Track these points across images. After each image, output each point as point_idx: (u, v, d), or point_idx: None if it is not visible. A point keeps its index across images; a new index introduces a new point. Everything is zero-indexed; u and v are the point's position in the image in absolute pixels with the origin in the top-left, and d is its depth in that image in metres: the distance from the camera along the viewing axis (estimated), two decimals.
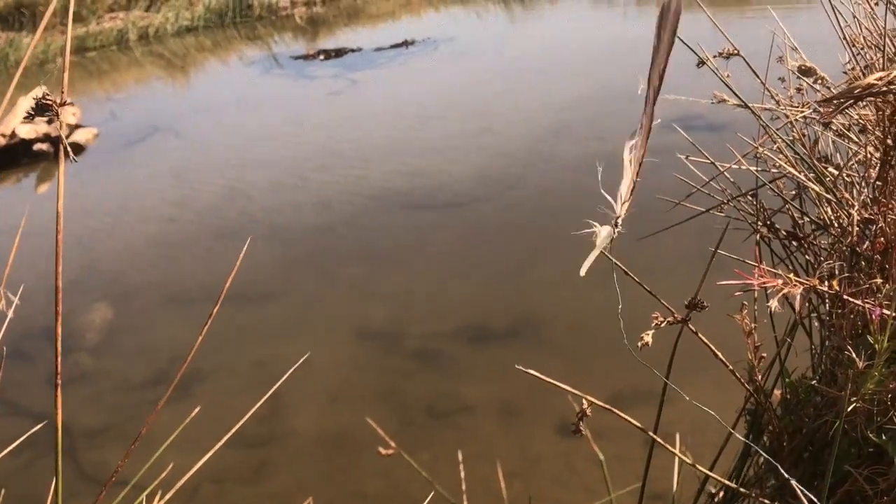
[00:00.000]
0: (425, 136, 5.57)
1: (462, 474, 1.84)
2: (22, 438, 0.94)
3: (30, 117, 0.50)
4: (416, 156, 5.19)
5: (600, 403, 0.78)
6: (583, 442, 2.45)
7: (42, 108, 0.54)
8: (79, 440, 2.90)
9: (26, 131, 6.30)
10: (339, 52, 8.50)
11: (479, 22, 10.57)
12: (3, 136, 6.35)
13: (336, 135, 5.91)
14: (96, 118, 7.15)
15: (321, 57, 8.44)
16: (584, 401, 0.74)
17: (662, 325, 0.68)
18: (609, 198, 0.69)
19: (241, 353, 3.22)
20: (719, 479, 0.89)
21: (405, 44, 8.42)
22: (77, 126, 6.62)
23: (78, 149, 6.28)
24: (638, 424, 0.82)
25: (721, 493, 1.11)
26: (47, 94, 0.53)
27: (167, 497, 1.26)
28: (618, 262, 0.76)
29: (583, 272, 0.62)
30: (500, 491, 1.95)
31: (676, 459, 1.64)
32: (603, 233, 0.64)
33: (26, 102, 6.95)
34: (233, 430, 0.90)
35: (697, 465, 0.91)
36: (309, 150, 5.63)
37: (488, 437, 2.49)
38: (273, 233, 4.32)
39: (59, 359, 0.59)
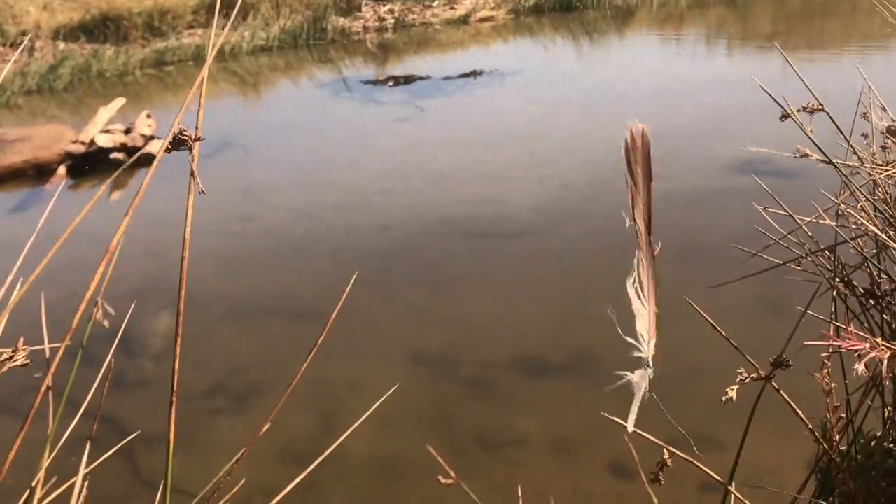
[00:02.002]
0: (489, 166, 5.61)
1: None
2: (111, 451, 0.98)
3: (166, 143, 0.54)
4: (480, 184, 5.22)
5: (682, 455, 0.78)
6: (635, 484, 2.42)
7: (178, 143, 0.58)
8: (137, 444, 2.98)
9: (104, 140, 6.52)
10: (408, 79, 8.63)
11: (546, 55, 10.62)
12: (83, 143, 6.59)
13: (401, 160, 5.99)
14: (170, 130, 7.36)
15: (390, 83, 8.57)
16: (665, 451, 0.75)
17: (747, 381, 0.68)
18: (633, 341, 0.71)
19: (297, 369, 3.27)
20: None
21: (473, 74, 8.50)
22: (152, 137, 6.83)
23: (151, 159, 6.48)
24: (717, 477, 0.82)
25: None
26: (184, 130, 0.57)
27: None
28: (705, 314, 0.76)
29: (630, 427, 0.64)
30: None
31: None
32: (638, 379, 0.65)
33: (106, 112, 7.22)
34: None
35: None
36: (374, 174, 5.71)
37: (540, 472, 2.48)
38: (335, 253, 4.39)
39: (176, 377, 0.62)
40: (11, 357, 0.65)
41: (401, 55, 11.43)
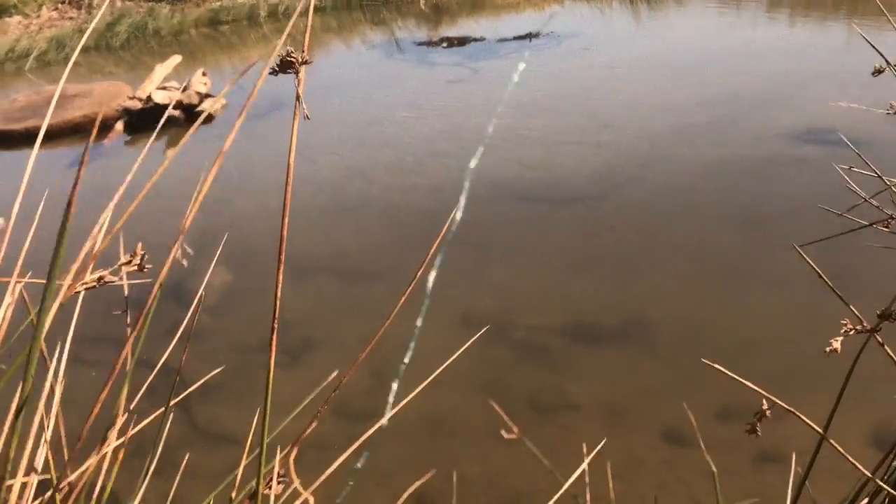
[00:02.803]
0: (544, 130, 5.54)
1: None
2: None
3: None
4: (534, 148, 5.17)
5: (783, 404, 0.76)
6: (688, 451, 2.40)
7: (285, 66, 0.57)
8: (192, 394, 3.04)
9: (161, 97, 6.59)
10: (461, 41, 8.54)
11: (603, 19, 10.41)
12: (140, 100, 6.67)
13: (454, 122, 5.95)
14: (225, 89, 7.42)
15: (444, 44, 8.49)
16: (764, 402, 0.72)
17: (851, 333, 0.66)
18: None
19: (349, 327, 3.29)
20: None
21: (528, 36, 8.38)
22: (207, 95, 6.88)
23: (207, 118, 6.55)
24: (815, 426, 0.79)
25: None
26: (291, 52, 0.56)
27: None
28: (813, 265, 0.74)
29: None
30: (604, 490, 1.93)
31: (791, 479, 1.58)
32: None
33: (163, 69, 7.29)
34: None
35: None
36: (427, 136, 5.69)
37: (592, 437, 2.47)
38: (386, 213, 4.39)
39: (278, 303, 0.62)
40: (129, 262, 0.66)
41: (454, 17, 11.31)
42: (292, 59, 0.54)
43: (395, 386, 2.82)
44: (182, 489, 1.28)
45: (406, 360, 2.93)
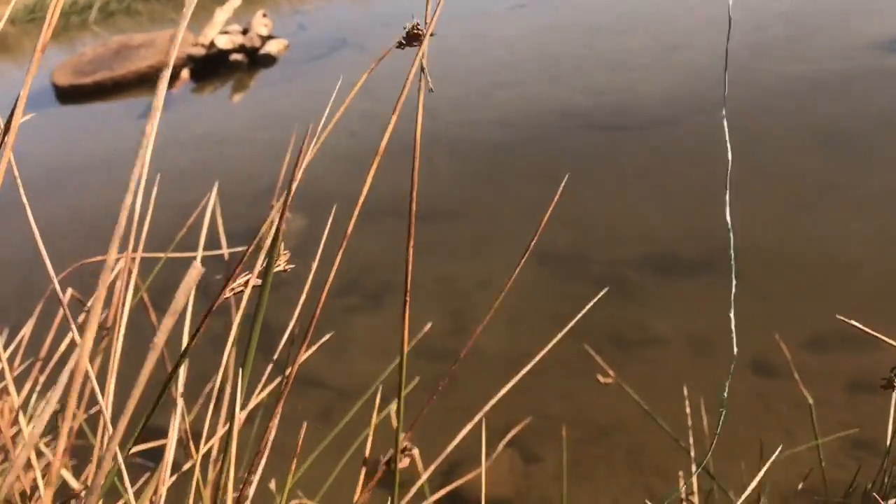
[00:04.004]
0: (611, 53, 5.36)
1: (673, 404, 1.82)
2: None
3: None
4: (602, 73, 5.01)
5: None
6: (779, 382, 2.34)
7: (411, 39, 0.55)
8: (276, 337, 3.10)
9: (223, 42, 6.60)
10: None
11: None
12: (203, 45, 6.70)
13: (519, 50, 5.80)
14: (286, 30, 7.38)
15: None
16: None
17: None
18: None
19: (425, 269, 3.29)
20: None
21: None
22: (269, 37, 6.86)
23: (270, 60, 6.54)
24: None
25: None
26: (417, 24, 0.53)
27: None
28: None
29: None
30: (694, 424, 1.90)
31: (892, 408, 1.52)
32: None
33: (223, 14, 7.28)
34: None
35: None
36: (491, 66, 5.57)
37: (678, 371, 2.43)
38: (454, 150, 4.34)
39: (409, 279, 0.60)
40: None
41: None
42: (418, 31, 0.51)
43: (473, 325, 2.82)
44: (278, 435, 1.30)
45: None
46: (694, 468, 1.76)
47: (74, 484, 1.08)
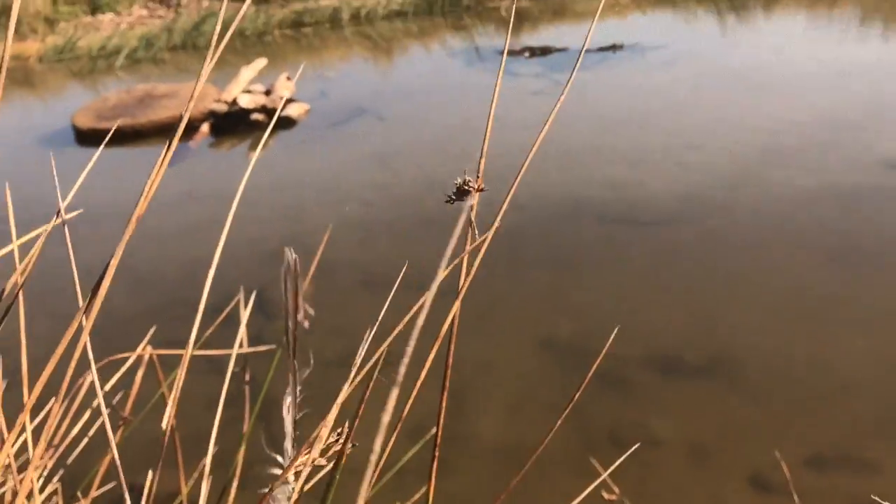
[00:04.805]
0: (626, 147, 5.45)
1: None
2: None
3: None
4: (616, 166, 5.09)
5: None
6: (776, 499, 2.31)
7: (461, 194, 0.56)
8: (272, 407, 3.08)
9: (246, 101, 6.72)
10: (544, 51, 8.47)
11: (688, 30, 10.21)
12: (226, 102, 6.82)
13: (536, 135, 5.90)
14: (307, 93, 7.52)
15: (526, 54, 8.43)
16: None
17: None
18: None
19: (424, 345, 3.28)
20: None
21: (612, 48, 8.26)
22: (291, 100, 6.99)
23: (290, 122, 6.64)
24: None
25: None
26: (469, 181, 0.54)
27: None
28: None
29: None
30: None
31: None
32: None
33: (248, 72, 7.43)
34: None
35: None
36: (507, 149, 5.65)
37: (675, 477, 2.40)
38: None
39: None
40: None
41: (535, 24, 11.25)
42: (469, 188, 0.52)
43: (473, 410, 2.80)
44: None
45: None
46: None
47: None
